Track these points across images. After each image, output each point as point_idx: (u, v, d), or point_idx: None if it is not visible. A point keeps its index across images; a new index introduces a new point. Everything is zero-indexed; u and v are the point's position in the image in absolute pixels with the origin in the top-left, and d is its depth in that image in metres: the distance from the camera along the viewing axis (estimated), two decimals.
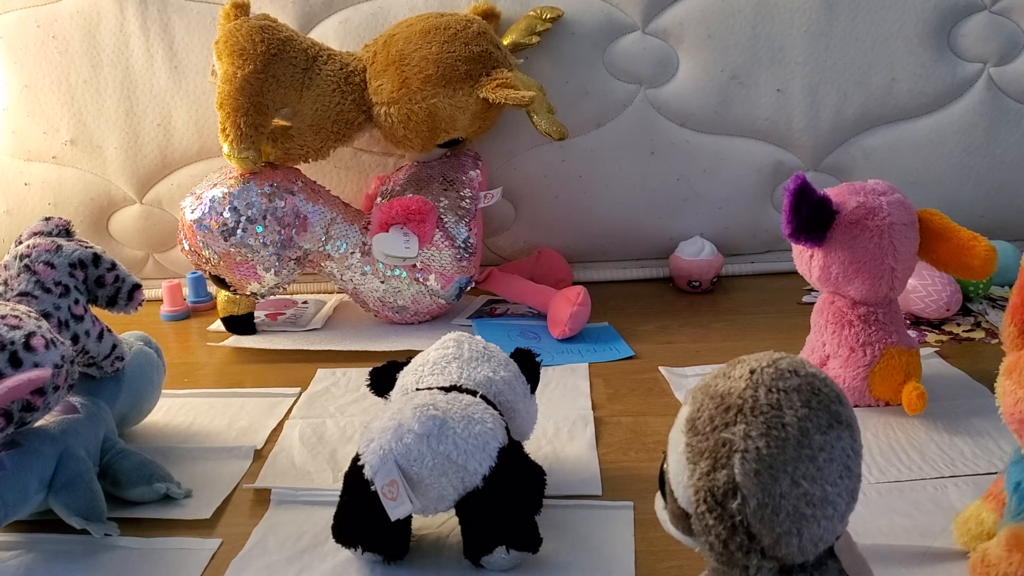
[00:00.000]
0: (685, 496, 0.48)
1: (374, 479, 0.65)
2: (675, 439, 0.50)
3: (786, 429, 0.46)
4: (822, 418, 0.47)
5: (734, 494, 0.46)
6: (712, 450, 0.46)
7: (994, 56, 1.30)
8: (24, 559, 0.72)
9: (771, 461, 0.45)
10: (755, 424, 0.46)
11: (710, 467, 0.46)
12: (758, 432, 0.45)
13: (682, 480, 0.48)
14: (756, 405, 0.46)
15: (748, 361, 0.49)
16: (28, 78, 1.33)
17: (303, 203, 1.15)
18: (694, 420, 0.48)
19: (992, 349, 1.06)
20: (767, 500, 0.45)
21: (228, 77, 1.10)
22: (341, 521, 0.69)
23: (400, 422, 0.66)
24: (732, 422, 0.46)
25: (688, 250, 1.32)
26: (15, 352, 0.68)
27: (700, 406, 0.48)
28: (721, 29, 1.29)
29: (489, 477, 0.66)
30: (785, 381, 0.47)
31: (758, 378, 0.47)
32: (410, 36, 1.16)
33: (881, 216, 0.86)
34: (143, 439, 0.92)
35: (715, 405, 0.47)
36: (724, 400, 0.47)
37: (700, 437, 0.47)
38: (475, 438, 0.66)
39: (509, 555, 0.67)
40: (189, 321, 1.31)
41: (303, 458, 0.87)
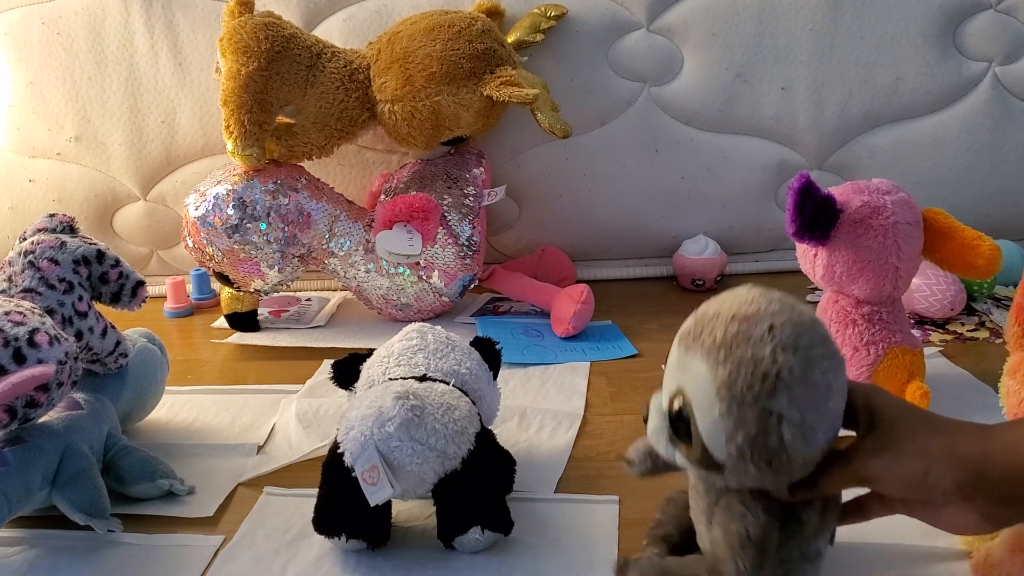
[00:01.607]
0: (724, 451, 0.52)
1: (355, 465, 0.66)
2: (705, 402, 0.52)
3: (818, 388, 0.50)
4: (835, 365, 0.52)
5: (783, 453, 0.50)
6: (759, 419, 0.50)
7: (1000, 55, 1.30)
8: (27, 555, 0.72)
9: (812, 421, 0.50)
10: (795, 390, 0.50)
11: (758, 431, 0.50)
12: (800, 399, 0.50)
13: (720, 440, 0.51)
14: (792, 372, 0.50)
15: (760, 317, 0.51)
16: (32, 75, 1.34)
17: (307, 200, 1.15)
18: (731, 387, 0.50)
19: (996, 349, 1.06)
20: (809, 451, 0.51)
21: (232, 74, 1.10)
22: (323, 511, 0.70)
23: (380, 409, 0.67)
24: (772, 390, 0.49)
25: (692, 248, 1.32)
26: (19, 348, 0.68)
27: (733, 373, 0.50)
28: (726, 27, 1.29)
29: (467, 460, 0.68)
30: (804, 338, 0.51)
31: (780, 340, 0.50)
32: (414, 33, 1.16)
33: (885, 215, 0.86)
34: (146, 435, 0.92)
35: (749, 372, 0.50)
36: (758, 367, 0.50)
37: (742, 405, 0.50)
38: (454, 423, 0.68)
39: (483, 536, 0.68)
40: (193, 318, 1.31)
41: (299, 436, 0.89)
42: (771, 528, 0.54)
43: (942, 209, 0.90)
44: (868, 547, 0.68)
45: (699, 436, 0.53)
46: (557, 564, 0.68)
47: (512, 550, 0.69)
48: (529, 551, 0.69)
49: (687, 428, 0.54)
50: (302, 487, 0.79)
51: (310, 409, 0.94)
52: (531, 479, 0.79)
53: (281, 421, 0.93)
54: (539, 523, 0.73)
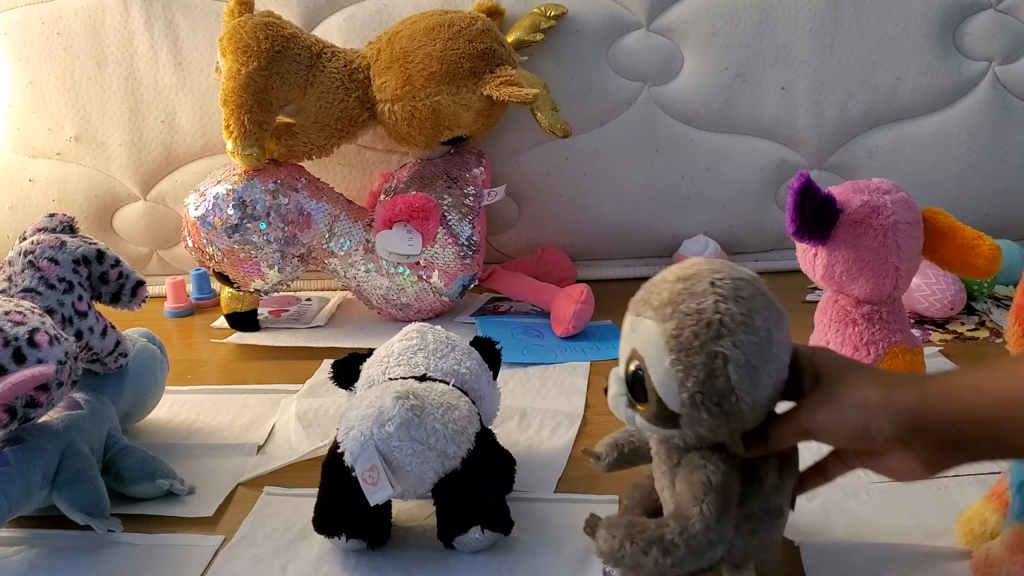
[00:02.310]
0: (677, 401, 0.55)
1: (354, 465, 0.66)
2: (656, 355, 0.55)
3: (759, 332, 0.54)
4: (776, 315, 0.57)
5: (731, 394, 0.54)
6: (706, 363, 0.54)
7: (999, 55, 1.30)
8: (27, 555, 0.72)
9: (756, 363, 0.54)
10: (738, 335, 0.54)
11: (707, 375, 0.54)
12: (743, 343, 0.54)
13: (673, 389, 0.55)
14: (733, 319, 0.54)
15: (701, 275, 0.56)
16: (32, 75, 1.34)
17: (307, 200, 1.15)
18: (679, 337, 0.54)
19: (996, 348, 1.06)
20: (757, 393, 0.55)
21: (232, 74, 1.10)
22: (323, 511, 0.70)
23: (380, 409, 0.67)
24: (717, 336, 0.53)
25: (692, 248, 1.32)
26: (19, 348, 0.68)
27: (680, 324, 0.54)
28: (726, 27, 1.29)
29: (467, 460, 0.68)
30: (743, 290, 0.55)
31: (722, 292, 0.55)
32: (414, 33, 1.16)
33: (885, 215, 0.86)
34: (146, 435, 0.92)
35: (694, 322, 0.54)
36: (702, 316, 0.54)
37: (690, 352, 0.54)
38: (454, 423, 0.68)
39: (483, 536, 0.68)
40: (193, 318, 1.31)
41: (299, 436, 0.89)
42: (731, 478, 0.57)
43: (942, 209, 0.90)
44: (868, 547, 0.68)
45: (654, 391, 0.56)
46: (557, 564, 0.68)
47: (512, 550, 0.69)
48: (529, 551, 0.69)
49: (643, 387, 0.57)
50: (302, 487, 0.79)
51: (310, 409, 0.94)
52: (531, 479, 0.79)
53: (281, 421, 0.93)
54: (539, 523, 0.73)
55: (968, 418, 0.50)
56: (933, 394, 0.52)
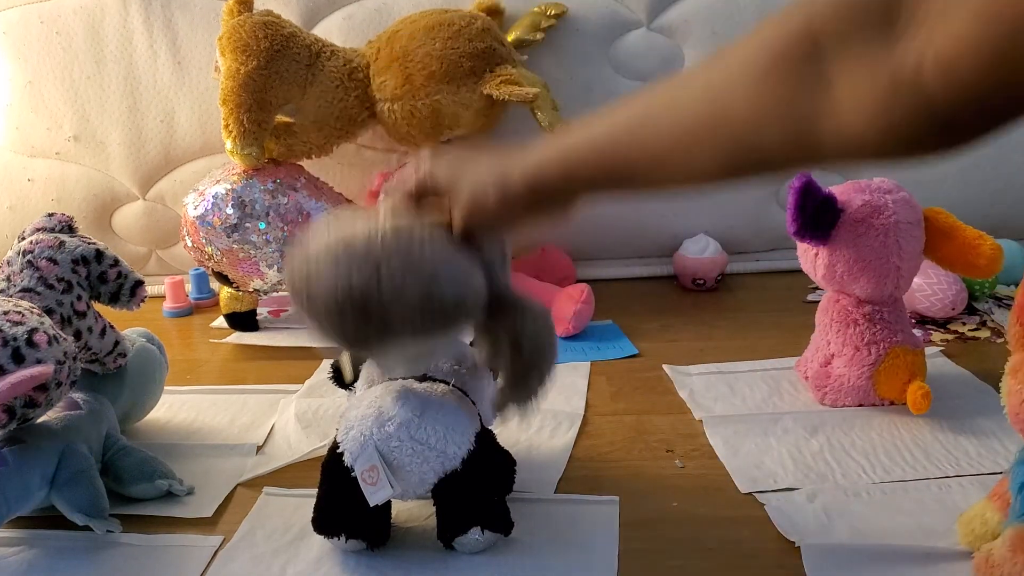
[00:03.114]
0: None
1: (354, 465, 0.66)
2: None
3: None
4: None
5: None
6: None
7: None
8: (26, 555, 0.72)
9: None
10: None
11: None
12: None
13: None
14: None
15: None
16: (32, 74, 1.33)
17: (306, 199, 1.15)
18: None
19: (998, 348, 1.06)
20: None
21: (231, 73, 1.10)
22: (322, 511, 0.70)
23: (381, 409, 0.66)
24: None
25: (692, 248, 1.32)
26: (18, 348, 0.68)
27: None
28: (726, 26, 1.29)
29: (467, 460, 0.67)
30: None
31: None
32: (414, 32, 1.16)
33: (887, 214, 0.86)
34: (145, 436, 0.92)
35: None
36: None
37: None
38: (454, 424, 0.67)
39: (483, 536, 0.68)
40: (192, 318, 1.31)
41: (298, 436, 0.89)
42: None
43: (943, 208, 0.90)
44: (868, 547, 0.68)
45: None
46: (557, 564, 0.68)
47: (512, 550, 0.69)
48: (529, 551, 0.69)
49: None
50: (302, 487, 0.79)
51: (309, 409, 0.94)
52: (531, 479, 0.79)
53: (280, 421, 0.93)
54: (539, 523, 0.72)
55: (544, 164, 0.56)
56: (534, 156, 0.57)
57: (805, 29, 0.44)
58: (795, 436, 0.86)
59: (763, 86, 0.45)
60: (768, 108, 0.45)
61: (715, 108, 0.47)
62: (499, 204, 0.58)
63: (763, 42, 0.46)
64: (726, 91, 0.47)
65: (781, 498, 0.75)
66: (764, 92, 0.45)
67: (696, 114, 0.48)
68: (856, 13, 0.42)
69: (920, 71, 0.39)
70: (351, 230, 0.60)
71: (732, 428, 0.88)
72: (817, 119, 0.43)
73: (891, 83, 0.40)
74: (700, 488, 0.78)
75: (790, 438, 0.85)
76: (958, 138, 0.42)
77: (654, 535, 0.71)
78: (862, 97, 0.42)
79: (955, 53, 0.38)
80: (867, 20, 0.41)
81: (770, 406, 0.93)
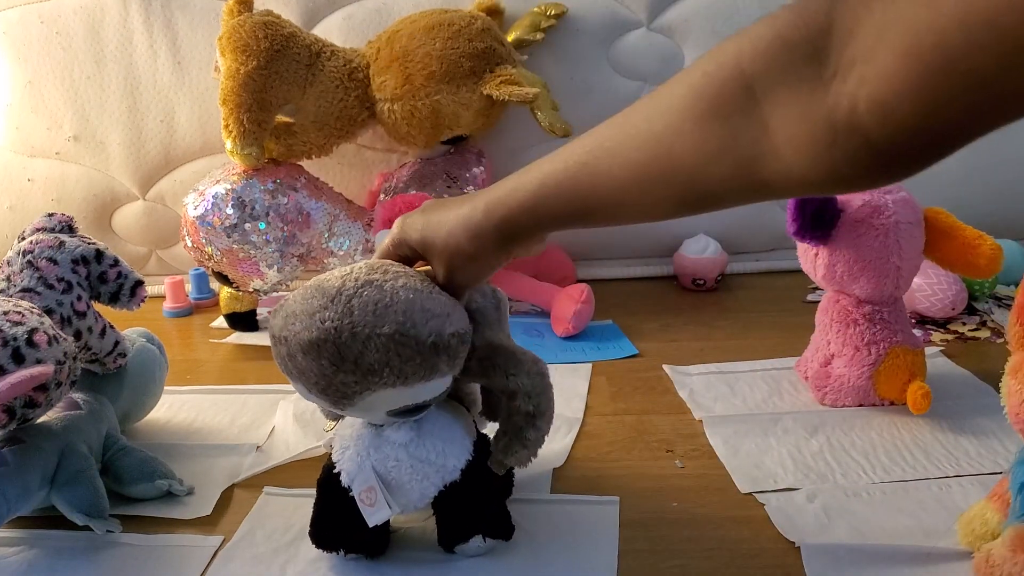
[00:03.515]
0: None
1: (351, 486, 0.65)
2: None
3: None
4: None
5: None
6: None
7: None
8: (26, 555, 0.72)
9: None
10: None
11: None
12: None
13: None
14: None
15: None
16: (31, 74, 1.33)
17: (306, 200, 1.15)
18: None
19: (998, 348, 1.06)
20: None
21: (231, 73, 1.10)
22: (319, 527, 0.69)
23: (377, 428, 0.65)
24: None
25: (692, 248, 1.32)
26: (18, 348, 0.68)
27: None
28: (727, 26, 1.29)
29: (466, 470, 0.67)
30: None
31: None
32: (414, 32, 1.16)
33: (887, 214, 0.86)
34: (145, 436, 0.92)
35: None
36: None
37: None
38: (451, 436, 0.66)
39: (484, 543, 0.68)
40: (192, 318, 1.31)
41: (296, 437, 0.89)
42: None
43: (943, 208, 0.90)
44: (868, 547, 0.68)
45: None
46: (558, 564, 0.68)
47: (512, 551, 0.69)
48: (529, 551, 0.69)
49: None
50: (302, 487, 0.79)
51: (308, 409, 0.94)
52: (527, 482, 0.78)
53: (280, 422, 0.93)
54: (539, 523, 0.72)
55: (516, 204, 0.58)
56: (495, 196, 0.60)
57: (736, 71, 0.45)
58: (795, 436, 0.86)
59: (703, 130, 0.46)
60: (711, 151, 0.46)
61: (660, 150, 0.49)
62: (472, 247, 0.60)
63: (696, 85, 0.47)
64: (668, 134, 0.48)
65: (781, 498, 0.75)
66: (705, 135, 0.46)
67: (643, 157, 0.50)
68: (783, 54, 0.43)
69: (855, 111, 0.40)
70: (327, 277, 0.62)
71: (732, 428, 0.88)
72: (760, 160, 0.44)
73: (828, 125, 0.41)
74: (700, 488, 0.78)
75: (790, 438, 0.85)
76: (901, 170, 0.43)
77: (654, 535, 0.71)
78: (800, 139, 0.43)
79: (888, 92, 0.39)
80: (795, 61, 0.42)
81: (770, 406, 0.93)
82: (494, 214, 0.59)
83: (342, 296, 0.59)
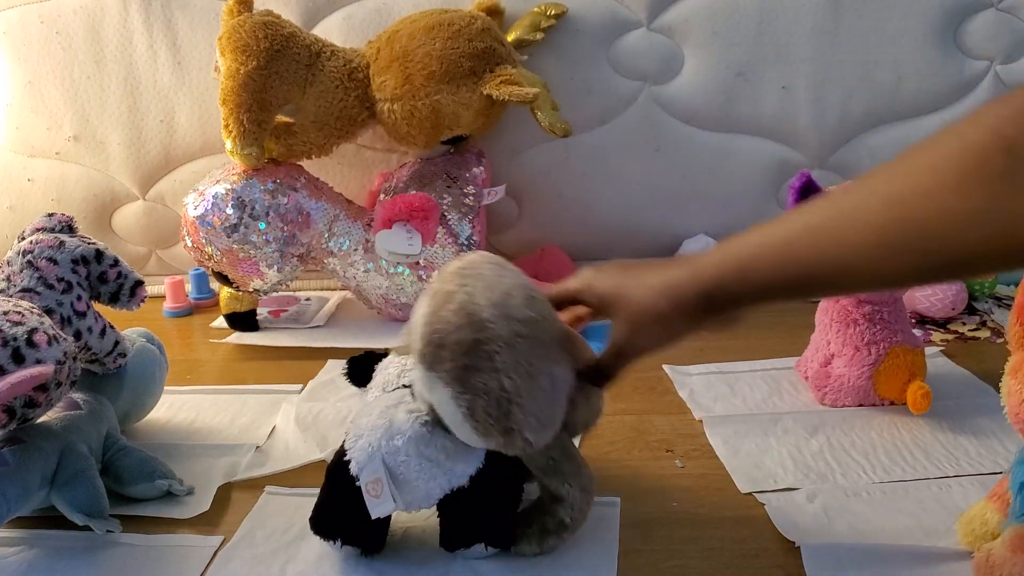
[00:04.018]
0: (479, 443, 0.61)
1: (359, 475, 0.65)
2: (456, 423, 0.60)
3: (543, 388, 0.60)
4: (551, 352, 0.63)
5: (528, 446, 0.61)
6: (504, 433, 0.59)
7: (1001, 54, 1.29)
8: (26, 555, 0.72)
9: (544, 413, 0.61)
10: (526, 402, 0.58)
11: (506, 441, 0.60)
12: (531, 407, 0.59)
13: (475, 440, 0.61)
14: (519, 391, 0.58)
15: (485, 343, 0.58)
16: (31, 74, 1.33)
17: (306, 200, 1.15)
18: (474, 415, 0.59)
19: (998, 348, 1.06)
20: (548, 432, 0.62)
21: (231, 73, 1.10)
22: (321, 514, 0.69)
23: (391, 421, 0.65)
24: (508, 412, 0.58)
25: (692, 248, 1.32)
26: (18, 348, 0.68)
27: (472, 402, 0.58)
28: (727, 26, 1.29)
29: (475, 477, 0.66)
30: (519, 348, 0.59)
31: (504, 360, 0.58)
32: (414, 32, 1.16)
33: None
34: (145, 436, 0.92)
35: (486, 402, 0.58)
36: (491, 395, 0.58)
37: (488, 429, 0.59)
38: (464, 442, 0.66)
39: (487, 551, 0.68)
40: (192, 318, 1.31)
41: (296, 440, 0.88)
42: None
43: None
44: (868, 547, 0.68)
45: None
46: (558, 564, 0.68)
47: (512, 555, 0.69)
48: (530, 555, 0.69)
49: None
50: (302, 487, 0.79)
51: (310, 413, 0.93)
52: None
53: (281, 423, 0.93)
54: None
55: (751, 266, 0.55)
56: (705, 260, 0.58)
57: (996, 135, 0.44)
58: (795, 436, 0.86)
59: (958, 192, 0.45)
60: (966, 213, 0.45)
61: (904, 215, 0.47)
62: (669, 308, 0.59)
63: (950, 147, 0.46)
64: (915, 200, 0.47)
65: (781, 498, 0.75)
66: (960, 198, 0.45)
67: (882, 222, 0.48)
68: None
69: None
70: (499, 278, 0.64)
71: (732, 428, 0.88)
72: (1021, 222, 0.44)
73: None
74: (700, 488, 0.78)
75: (790, 438, 0.85)
76: None
77: (654, 535, 0.71)
78: None
79: None
80: None
81: (770, 406, 0.93)
82: (702, 276, 0.57)
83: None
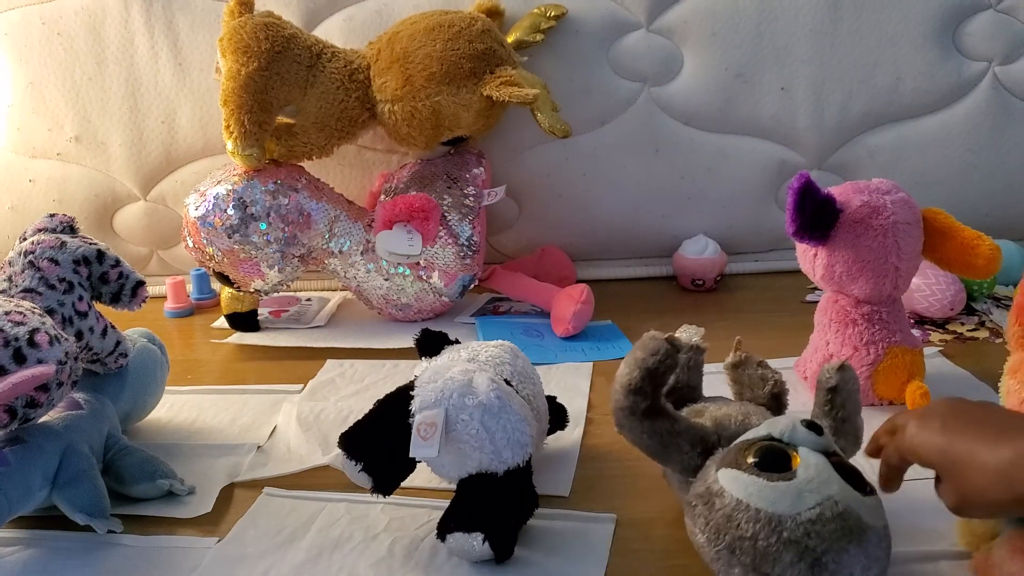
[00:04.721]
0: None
1: (417, 412, 0.66)
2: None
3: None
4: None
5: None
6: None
7: (999, 55, 1.30)
8: (27, 555, 0.72)
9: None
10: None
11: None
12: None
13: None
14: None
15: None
16: (33, 75, 1.34)
17: (307, 200, 1.15)
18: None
19: (996, 348, 1.06)
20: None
21: (232, 74, 1.10)
22: (359, 432, 0.69)
23: (471, 380, 0.67)
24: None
25: (692, 248, 1.32)
26: (19, 348, 0.68)
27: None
28: (726, 27, 1.29)
29: (510, 471, 0.67)
30: (818, 543, 0.58)
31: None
32: (414, 33, 1.16)
33: (885, 215, 0.86)
34: (146, 436, 0.92)
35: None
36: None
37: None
38: (520, 433, 0.67)
39: (481, 547, 0.65)
40: (193, 318, 1.31)
41: (298, 440, 0.88)
42: None
43: (942, 209, 0.90)
44: None
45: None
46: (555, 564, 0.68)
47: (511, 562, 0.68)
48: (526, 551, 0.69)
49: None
50: (302, 488, 0.79)
51: (311, 413, 0.93)
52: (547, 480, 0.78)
53: (282, 423, 0.93)
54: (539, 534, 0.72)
55: None
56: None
57: None
58: None
59: None
60: None
61: None
62: (1010, 504, 0.52)
63: None
64: None
65: None
66: None
67: None
68: None
69: None
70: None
71: None
72: None
73: None
74: None
75: None
76: None
77: (654, 535, 0.71)
78: None
79: None
80: None
81: None
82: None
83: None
